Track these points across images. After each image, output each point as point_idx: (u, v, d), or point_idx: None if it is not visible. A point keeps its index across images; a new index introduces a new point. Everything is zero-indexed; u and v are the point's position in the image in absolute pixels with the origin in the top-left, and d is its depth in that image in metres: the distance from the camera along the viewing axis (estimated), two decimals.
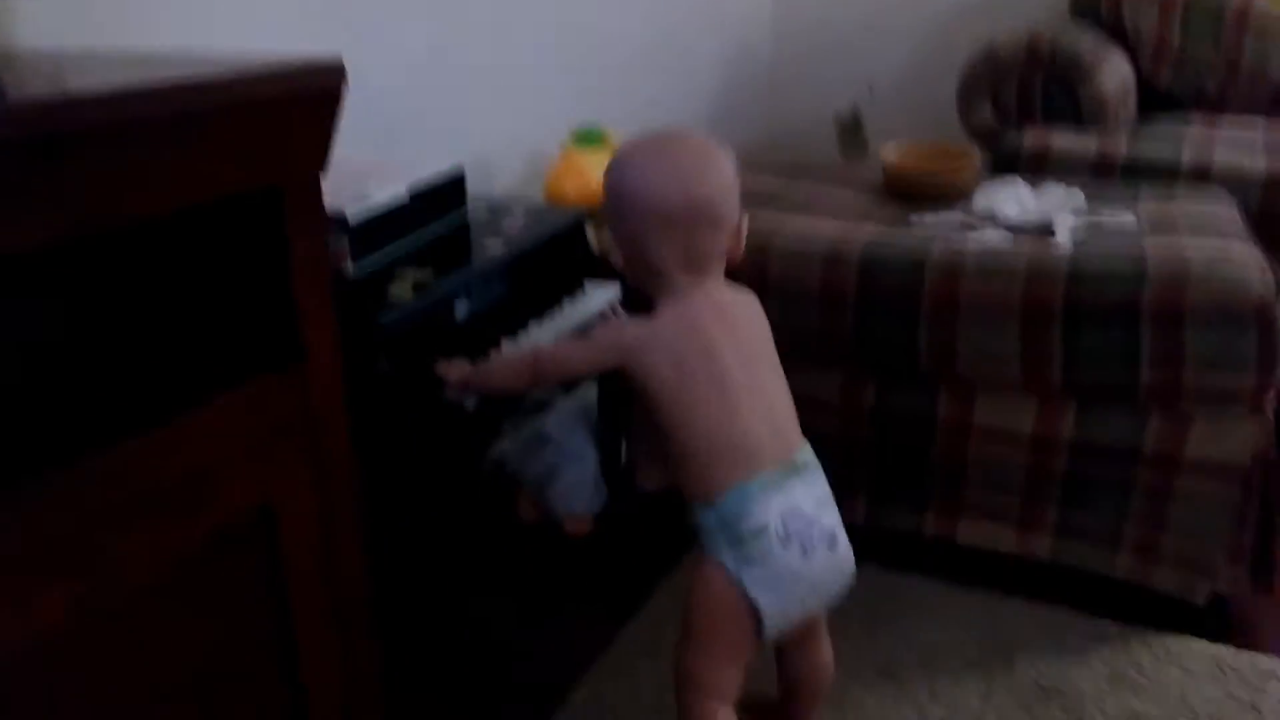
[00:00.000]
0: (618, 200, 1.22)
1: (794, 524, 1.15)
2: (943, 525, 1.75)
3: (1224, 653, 1.53)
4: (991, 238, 1.71)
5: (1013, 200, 1.82)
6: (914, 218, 1.84)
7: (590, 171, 2.09)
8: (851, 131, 3.33)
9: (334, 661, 0.97)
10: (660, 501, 1.85)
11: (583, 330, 1.51)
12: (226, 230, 0.85)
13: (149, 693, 0.82)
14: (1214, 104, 2.62)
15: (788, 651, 1.32)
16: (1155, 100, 2.63)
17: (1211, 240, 1.63)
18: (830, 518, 1.19)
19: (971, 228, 1.77)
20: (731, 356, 1.20)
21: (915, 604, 1.65)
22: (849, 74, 3.29)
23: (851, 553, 1.20)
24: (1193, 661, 1.51)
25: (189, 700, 0.85)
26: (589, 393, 2.01)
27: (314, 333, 0.87)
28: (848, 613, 1.31)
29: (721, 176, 1.21)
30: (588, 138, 2.17)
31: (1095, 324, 1.54)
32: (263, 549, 0.87)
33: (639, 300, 1.32)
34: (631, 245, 1.22)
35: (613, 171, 1.24)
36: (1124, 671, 1.49)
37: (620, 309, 1.62)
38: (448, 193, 1.57)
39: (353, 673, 0.99)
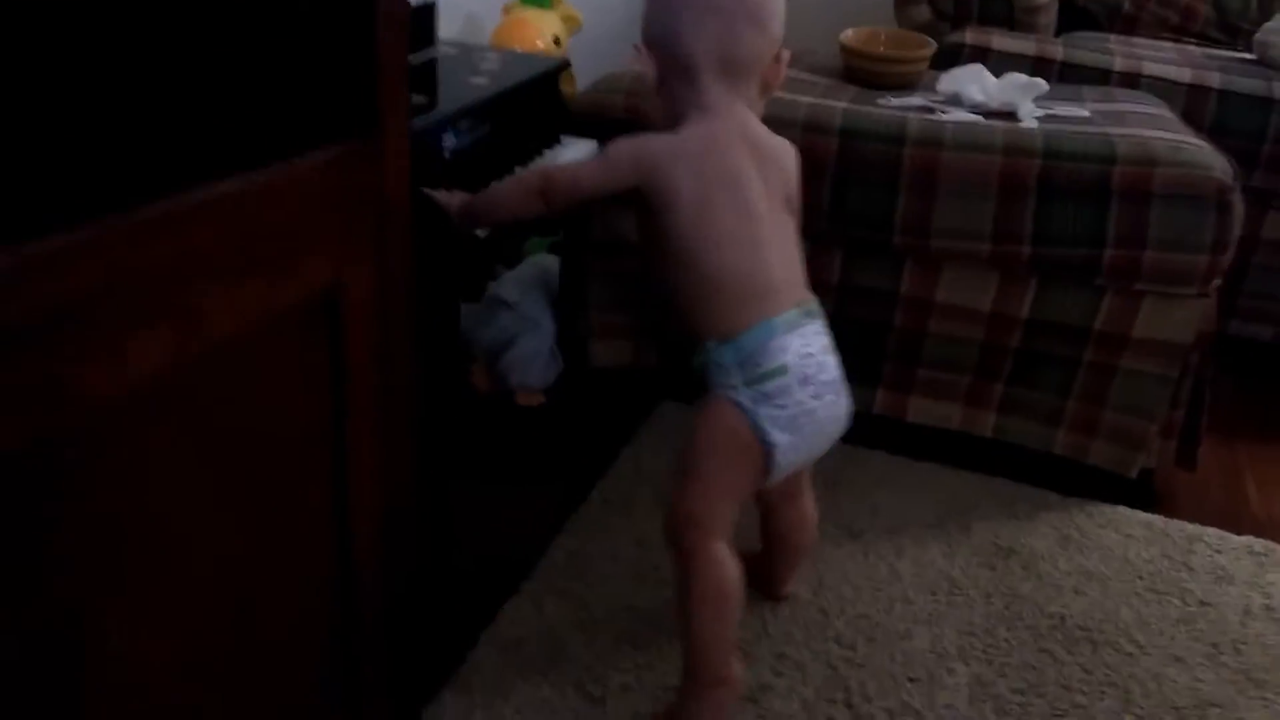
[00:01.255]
0: None
1: (809, 366, 1.15)
2: (893, 403, 1.78)
3: (1155, 520, 1.62)
4: (961, 117, 1.73)
5: (976, 85, 1.83)
6: (879, 99, 1.83)
7: (539, 30, 2.00)
8: None
9: (378, 458, 0.91)
10: (615, 377, 1.83)
11: None
12: None
13: (213, 457, 0.74)
14: (1128, 25, 2.72)
15: (774, 505, 1.32)
16: (1071, 17, 2.71)
17: (1165, 133, 1.69)
18: (836, 367, 1.19)
19: (935, 110, 1.78)
20: (758, 189, 1.16)
21: (869, 473, 1.68)
22: None
23: (849, 404, 1.20)
24: (1128, 527, 1.60)
25: (249, 472, 0.79)
26: (547, 258, 1.94)
27: (391, 103, 0.79)
28: None
29: None
30: None
31: (1067, 199, 1.58)
32: (330, 325, 0.80)
33: None
34: (666, 40, 1.15)
35: None
36: (1070, 534, 1.57)
37: None
38: (421, 25, 1.46)
39: (393, 471, 0.94)
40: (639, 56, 1.17)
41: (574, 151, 1.53)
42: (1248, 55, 2.47)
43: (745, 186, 1.15)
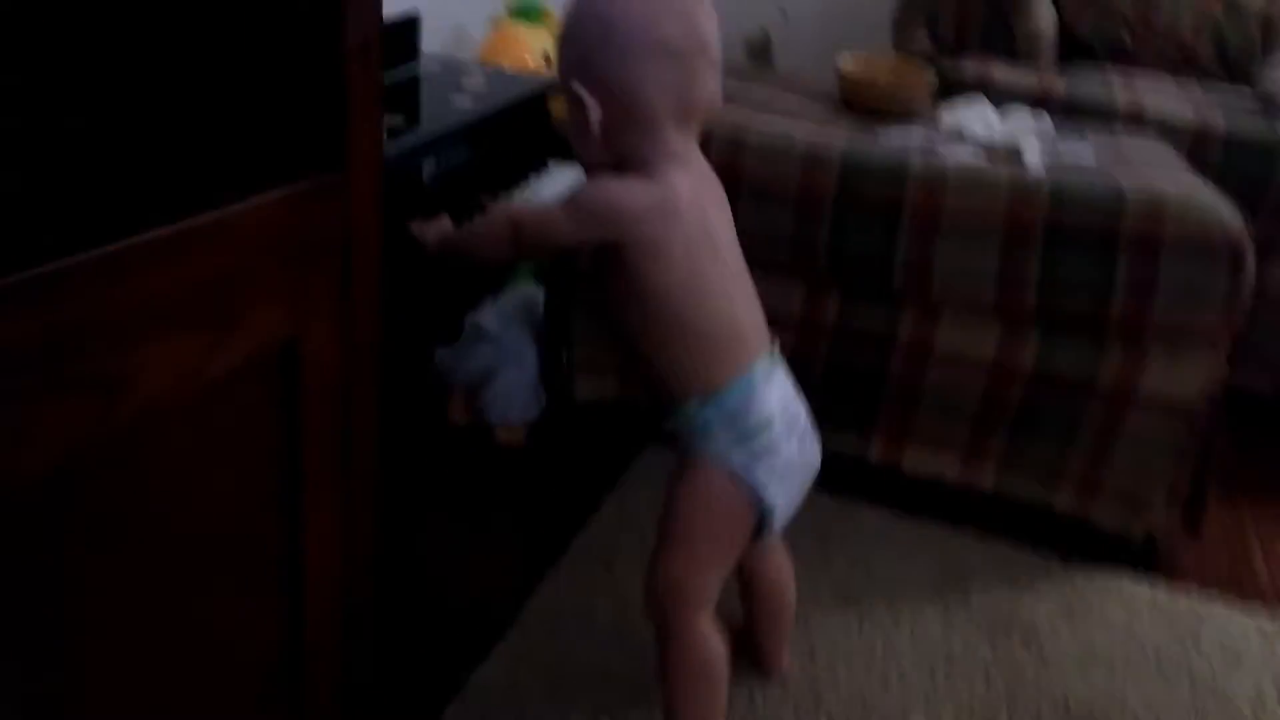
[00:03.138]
0: (607, 30, 0.99)
1: (789, 415, 1.09)
2: (889, 451, 1.69)
3: (1160, 593, 1.54)
4: (963, 154, 1.65)
5: (980, 120, 1.76)
6: (880, 130, 1.75)
7: (528, 46, 1.90)
8: (760, 55, 3.22)
9: (337, 528, 0.80)
10: (601, 412, 1.73)
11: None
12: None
13: (146, 535, 0.64)
14: (1128, 58, 2.66)
15: (754, 571, 1.24)
16: (1072, 48, 2.65)
17: (1174, 182, 1.61)
18: (804, 410, 1.13)
19: (937, 146, 1.70)
20: (722, 235, 1.08)
21: (864, 531, 1.59)
22: None
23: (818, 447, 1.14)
24: (1133, 599, 1.52)
25: (189, 547, 0.69)
26: (531, 289, 1.84)
27: (360, 137, 0.69)
28: (799, 536, 1.24)
29: (713, 16, 1.05)
30: (526, 11, 1.97)
31: (1074, 248, 1.50)
32: (284, 386, 0.70)
33: None
34: (620, 89, 1.00)
35: (602, 1, 1.02)
36: (1073, 605, 1.48)
37: None
38: (402, 39, 1.36)
39: (352, 542, 0.83)
40: (580, 101, 1.01)
41: (560, 179, 1.44)
42: (1250, 98, 2.41)
43: (714, 234, 1.07)
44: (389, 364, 1.16)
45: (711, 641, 1.10)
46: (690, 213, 1.04)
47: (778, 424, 1.06)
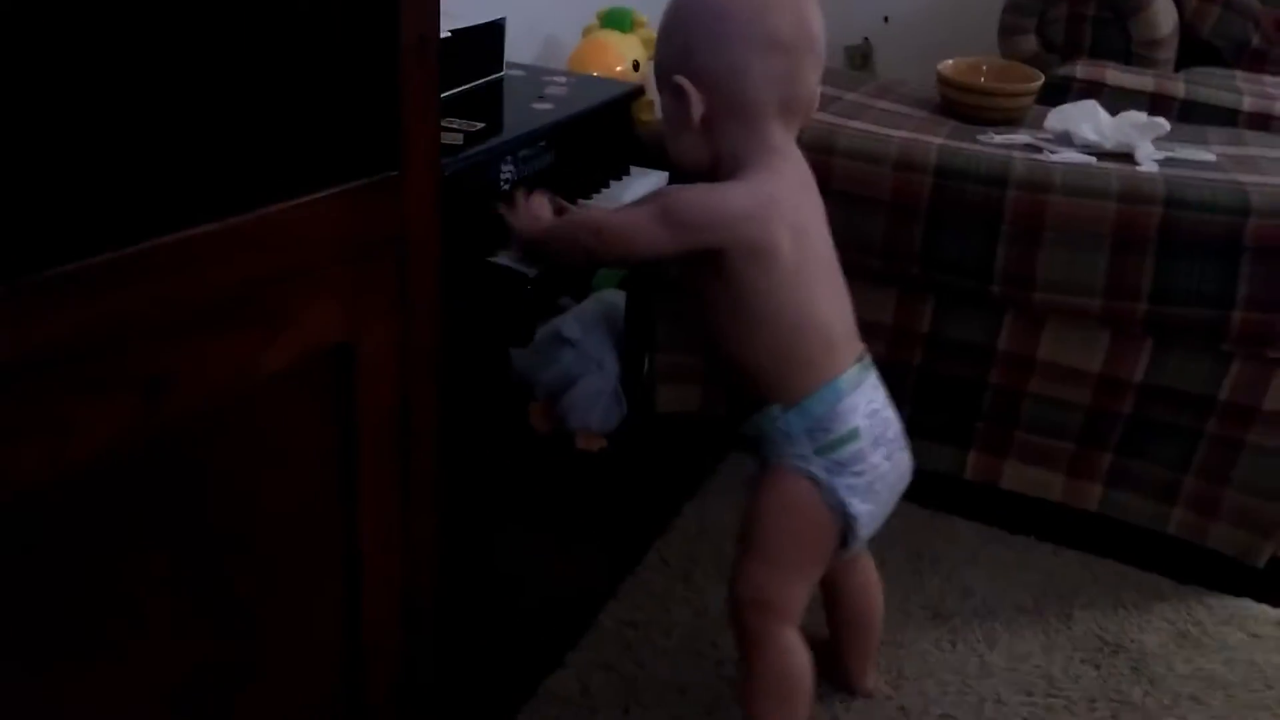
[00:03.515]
0: (715, 22, 0.98)
1: (878, 425, 1.04)
2: (987, 468, 1.62)
3: None
4: (1072, 158, 1.57)
5: (1089, 123, 1.67)
6: (980, 136, 1.68)
7: (619, 54, 1.90)
8: (861, 65, 3.17)
9: (395, 530, 0.80)
10: (681, 423, 1.70)
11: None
12: None
13: (193, 532, 0.64)
14: (1256, 59, 2.51)
15: (838, 582, 1.19)
16: (1194, 50, 2.52)
17: None
18: (897, 420, 1.08)
19: (1042, 149, 1.63)
20: (820, 236, 1.05)
21: (958, 547, 1.52)
22: (863, 2, 3.12)
23: (910, 457, 1.10)
24: (1256, 625, 1.41)
25: (240, 545, 0.68)
26: (613, 295, 1.83)
27: (417, 135, 0.68)
28: (887, 552, 1.19)
29: (820, 14, 1.03)
30: (616, 19, 1.97)
31: (1192, 254, 1.41)
32: (338, 387, 0.69)
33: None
34: (726, 81, 0.98)
35: None
36: (1187, 630, 1.39)
37: None
38: (487, 44, 1.37)
39: (412, 544, 0.82)
40: (682, 93, 0.99)
41: (643, 184, 1.42)
42: None
43: (813, 234, 1.04)
44: (459, 366, 1.17)
45: (797, 655, 1.06)
46: (792, 213, 1.02)
47: (864, 435, 1.02)
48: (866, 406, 1.04)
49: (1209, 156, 1.63)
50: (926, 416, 1.61)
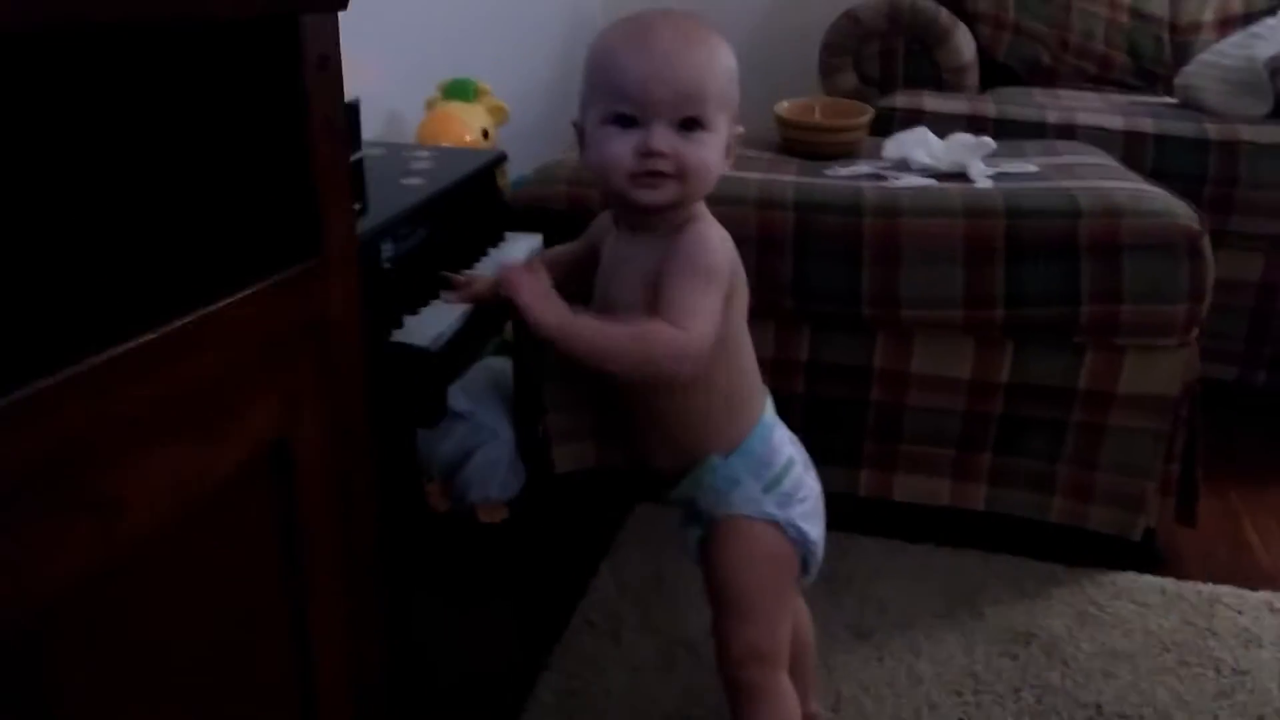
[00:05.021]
0: (730, 58, 0.96)
1: (799, 450, 1.07)
2: (878, 483, 1.68)
3: (1167, 584, 1.53)
4: (914, 182, 1.67)
5: (923, 148, 1.78)
6: (826, 170, 1.77)
7: (466, 124, 1.90)
8: None
9: (342, 621, 0.77)
10: (582, 481, 1.70)
11: None
12: (234, 63, 0.64)
13: (148, 661, 0.60)
14: (1047, 76, 2.74)
15: None
16: (991, 73, 2.72)
17: (1120, 183, 1.65)
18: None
19: (885, 177, 1.72)
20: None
21: (865, 563, 1.57)
22: None
23: None
24: (1143, 595, 1.51)
25: (192, 665, 0.65)
26: (497, 361, 1.82)
27: (334, 217, 0.67)
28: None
29: None
30: (459, 89, 1.98)
31: (1036, 258, 1.51)
32: (278, 485, 0.67)
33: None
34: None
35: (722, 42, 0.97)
36: (1085, 610, 1.47)
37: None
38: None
39: (359, 635, 0.79)
40: (730, 133, 0.97)
41: (518, 247, 1.42)
42: (1169, 99, 2.49)
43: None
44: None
45: (791, 696, 1.07)
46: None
47: (797, 461, 1.05)
48: (788, 435, 1.07)
49: (1032, 168, 1.77)
50: (816, 440, 1.64)
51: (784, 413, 1.14)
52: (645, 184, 0.93)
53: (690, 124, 0.92)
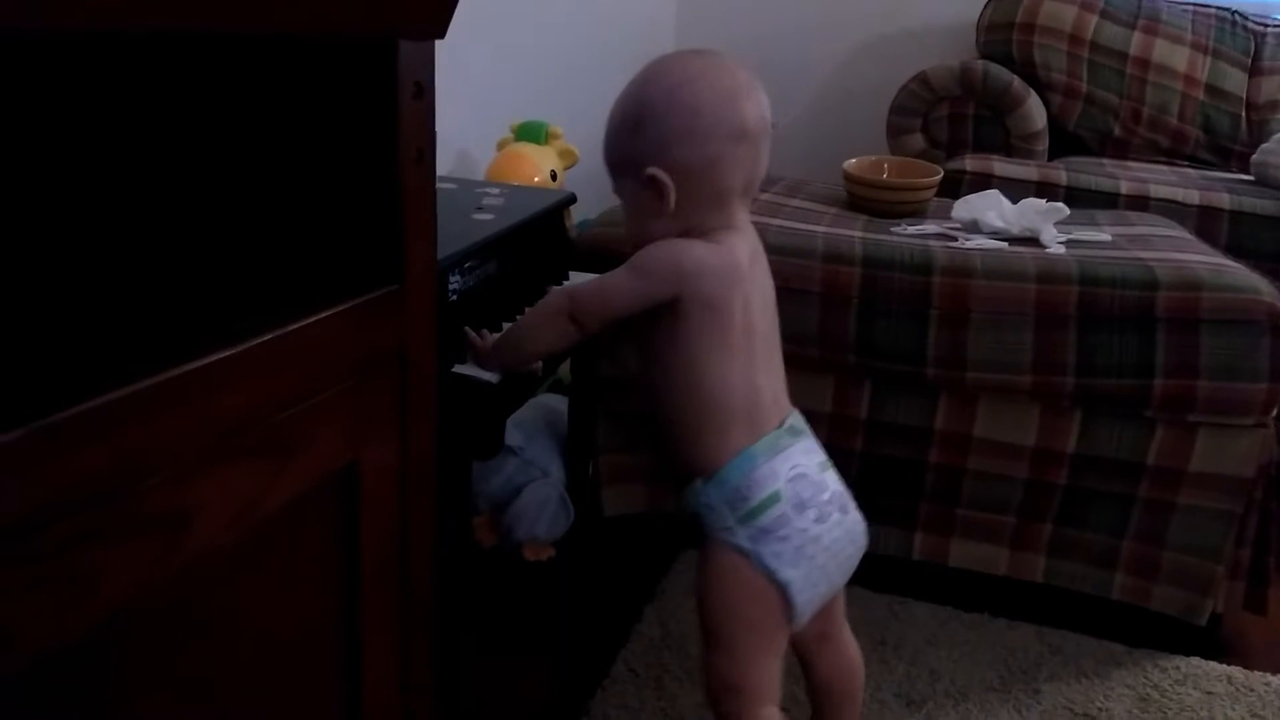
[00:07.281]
0: (692, 118, 1.02)
1: (804, 489, 1.03)
2: (933, 547, 1.64)
3: (1235, 672, 1.47)
4: (985, 244, 1.65)
5: (995, 211, 1.76)
6: (894, 228, 1.75)
7: (536, 165, 1.92)
8: None
9: (394, 652, 0.75)
10: (631, 525, 1.68)
11: None
12: (333, 85, 0.64)
13: (204, 680, 0.59)
14: (1117, 148, 2.71)
15: (810, 651, 1.17)
16: (1062, 142, 2.70)
17: (1198, 256, 1.61)
18: (836, 482, 1.08)
19: (955, 237, 1.70)
20: (759, 303, 1.08)
21: (917, 630, 1.52)
22: None
23: (862, 519, 1.10)
24: (1209, 683, 1.44)
25: (244, 689, 0.63)
26: (552, 399, 1.81)
27: (417, 247, 0.67)
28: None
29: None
30: (530, 131, 2.00)
31: (1110, 328, 1.48)
32: (342, 511, 0.66)
33: None
34: (700, 171, 1.03)
35: (682, 88, 1.03)
36: (1148, 694, 1.41)
37: None
38: None
39: (409, 666, 0.78)
40: (656, 183, 1.03)
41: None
42: (1244, 176, 2.45)
43: (751, 303, 1.07)
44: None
45: None
46: (746, 281, 1.06)
47: (786, 498, 1.02)
48: (789, 471, 1.03)
49: (1105, 237, 1.74)
50: (871, 500, 1.60)
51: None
52: None
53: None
